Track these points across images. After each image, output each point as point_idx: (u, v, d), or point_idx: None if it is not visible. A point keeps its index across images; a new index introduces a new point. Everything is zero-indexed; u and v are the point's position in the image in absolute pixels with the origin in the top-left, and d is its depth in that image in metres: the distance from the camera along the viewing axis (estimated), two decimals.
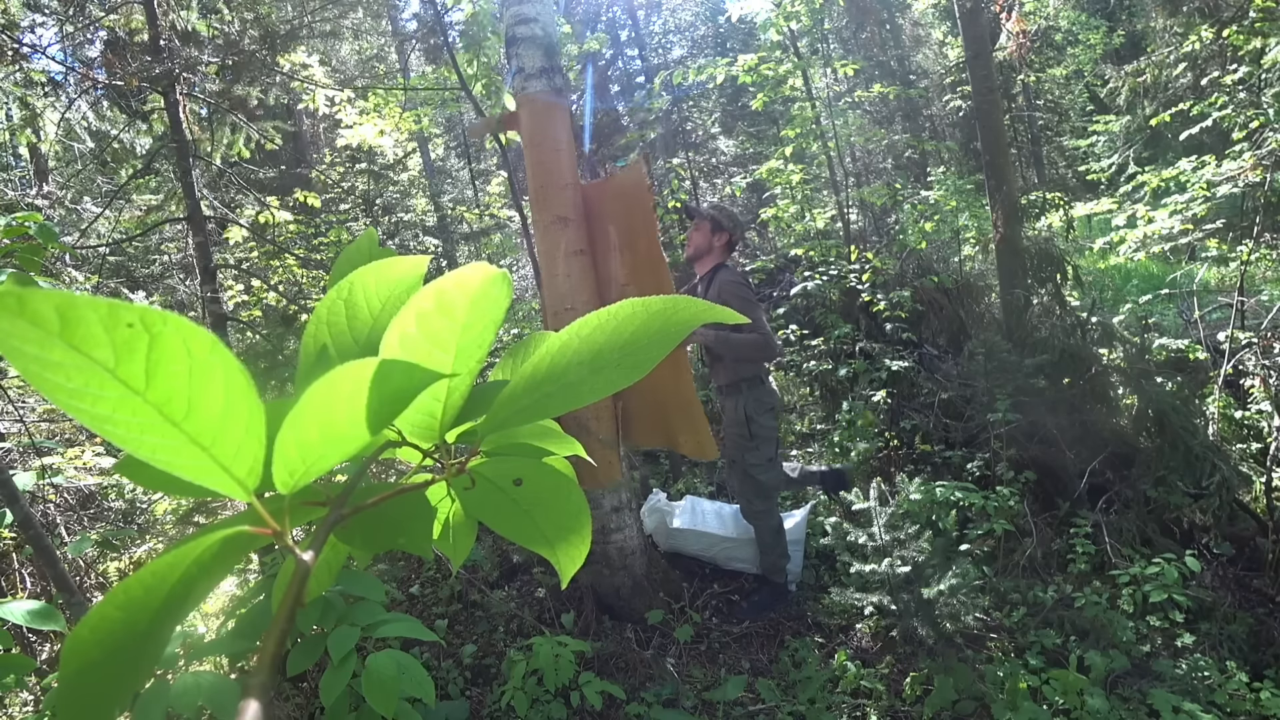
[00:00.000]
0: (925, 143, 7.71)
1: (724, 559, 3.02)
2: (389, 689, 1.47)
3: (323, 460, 0.36)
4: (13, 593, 2.87)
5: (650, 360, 0.42)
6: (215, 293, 3.28)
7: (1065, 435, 3.33)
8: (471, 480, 0.49)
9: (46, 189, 5.79)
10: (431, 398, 0.44)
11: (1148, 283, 6.49)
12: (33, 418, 3.29)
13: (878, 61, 12.35)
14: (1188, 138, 5.28)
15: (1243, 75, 5.11)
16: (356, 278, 0.45)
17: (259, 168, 7.32)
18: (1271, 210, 4.07)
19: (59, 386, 0.28)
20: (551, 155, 2.67)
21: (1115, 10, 13.30)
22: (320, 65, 4.39)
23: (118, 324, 0.27)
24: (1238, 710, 2.12)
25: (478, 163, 13.25)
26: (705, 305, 0.42)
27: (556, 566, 0.53)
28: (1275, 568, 2.80)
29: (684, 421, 2.62)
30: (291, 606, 0.33)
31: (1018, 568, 2.87)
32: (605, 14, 11.75)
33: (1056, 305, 3.99)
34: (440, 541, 0.57)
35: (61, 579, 1.76)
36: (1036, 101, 13.80)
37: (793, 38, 5.99)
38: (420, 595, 2.98)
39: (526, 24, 2.68)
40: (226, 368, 0.30)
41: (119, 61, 3.50)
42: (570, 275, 2.66)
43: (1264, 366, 3.43)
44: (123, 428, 0.30)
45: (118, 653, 0.31)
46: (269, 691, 0.29)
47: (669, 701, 2.31)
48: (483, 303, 0.40)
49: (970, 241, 5.41)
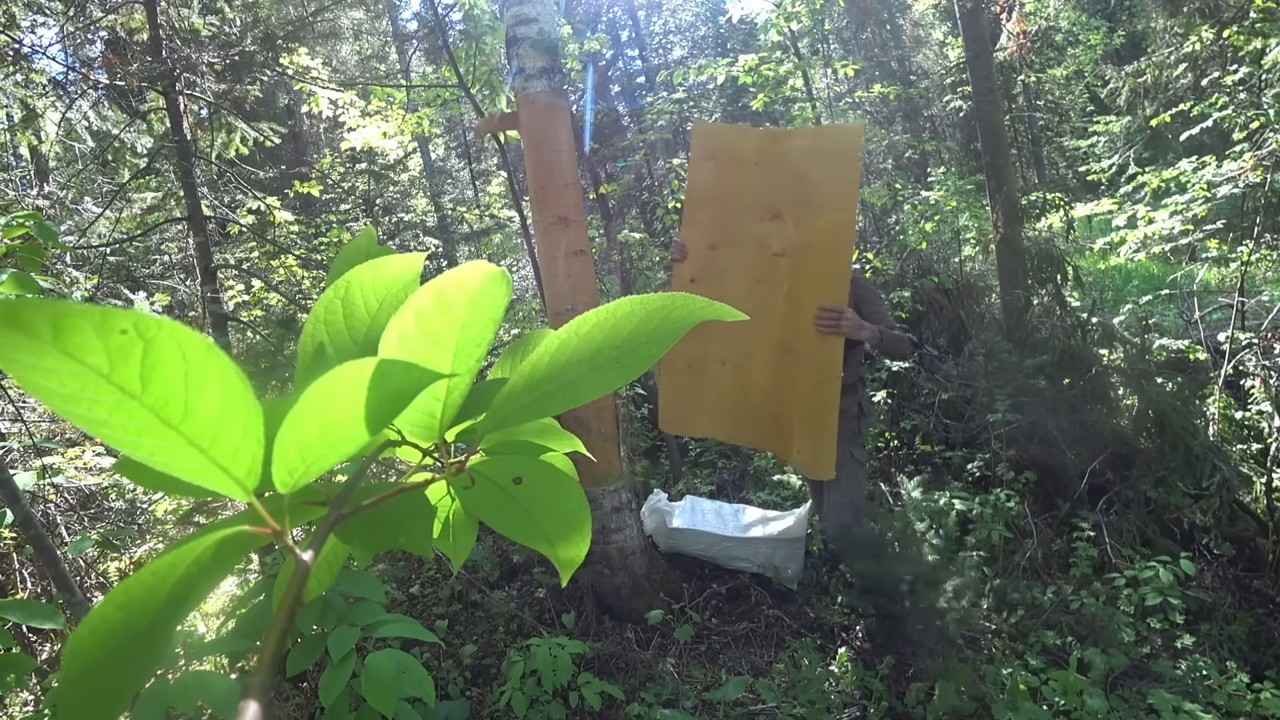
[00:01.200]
0: (925, 143, 7.70)
1: (724, 558, 3.02)
2: (389, 689, 1.47)
3: (322, 460, 0.36)
4: (13, 592, 2.87)
5: (650, 358, 0.42)
6: (216, 293, 3.28)
7: (1065, 436, 3.33)
8: (471, 479, 0.49)
9: (47, 189, 5.79)
10: (431, 397, 0.44)
11: (1148, 283, 6.49)
12: (33, 418, 3.29)
13: (878, 62, 12.35)
14: (1188, 138, 5.28)
15: (1243, 76, 5.11)
16: (353, 276, 0.45)
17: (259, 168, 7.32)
18: (1272, 211, 4.07)
19: (54, 392, 0.28)
20: (552, 155, 2.67)
21: (1115, 10, 13.30)
22: (322, 66, 4.39)
23: (111, 330, 0.27)
24: (1238, 711, 2.12)
25: (478, 163, 13.25)
26: (704, 302, 0.42)
27: (557, 565, 0.53)
28: (1275, 568, 2.80)
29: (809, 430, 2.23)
30: (291, 606, 0.33)
31: (1018, 569, 2.87)
32: (606, 14, 11.76)
33: (1057, 306, 3.99)
34: (440, 541, 0.57)
35: (62, 579, 1.76)
36: (1037, 102, 13.80)
37: (793, 38, 5.99)
38: (420, 595, 2.98)
39: (527, 24, 2.68)
40: (223, 370, 0.31)
41: (119, 61, 3.50)
42: (570, 275, 2.66)
43: (1264, 367, 3.43)
44: (120, 431, 0.30)
45: (119, 653, 0.31)
46: (269, 691, 0.29)
47: (669, 702, 2.31)
48: (482, 301, 0.40)
49: (970, 242, 5.41)
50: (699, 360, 2.41)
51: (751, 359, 2.35)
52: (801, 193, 2.26)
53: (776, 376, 2.31)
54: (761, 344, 2.33)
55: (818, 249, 2.23)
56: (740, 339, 2.35)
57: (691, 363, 2.41)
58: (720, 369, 2.40)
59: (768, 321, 2.31)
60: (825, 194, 2.21)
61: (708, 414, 2.44)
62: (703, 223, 2.40)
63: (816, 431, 2.21)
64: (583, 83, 7.81)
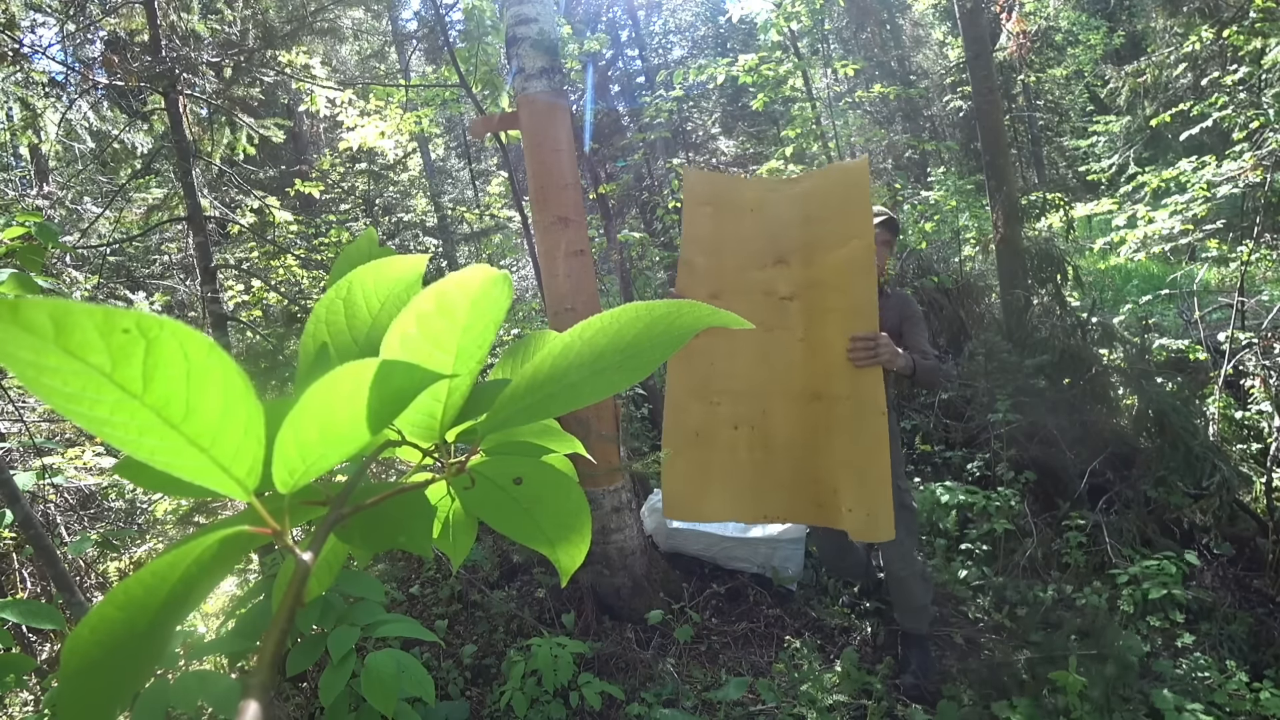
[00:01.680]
0: (925, 143, 7.70)
1: (724, 558, 3.02)
2: (389, 689, 1.47)
3: (323, 460, 0.36)
4: (13, 592, 2.87)
5: (653, 363, 0.42)
6: (216, 293, 3.28)
7: (1065, 435, 3.33)
8: (471, 479, 0.49)
9: (47, 189, 5.79)
10: (432, 397, 0.44)
11: (1148, 283, 6.49)
12: (33, 418, 3.29)
13: (878, 62, 12.35)
14: (1188, 138, 5.28)
15: (1243, 76, 5.11)
16: (355, 277, 0.45)
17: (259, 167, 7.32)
18: (1271, 210, 4.07)
19: (55, 391, 0.28)
20: (552, 155, 2.67)
21: (1115, 10, 13.31)
22: (321, 66, 4.39)
23: (113, 329, 0.27)
24: (1238, 710, 2.12)
25: (478, 163, 13.26)
26: (710, 310, 0.42)
27: (557, 565, 0.53)
28: (1275, 568, 2.80)
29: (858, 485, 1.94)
30: (291, 606, 0.33)
31: (1018, 568, 2.87)
32: (606, 14, 11.76)
33: (1057, 306, 4.00)
34: (440, 541, 0.57)
35: (62, 579, 1.76)
36: (1037, 102, 13.80)
37: (793, 38, 5.99)
38: (420, 595, 2.98)
39: (527, 24, 2.69)
40: (224, 370, 0.31)
41: (119, 61, 3.50)
42: (570, 275, 2.66)
43: (1264, 367, 3.43)
44: (121, 430, 0.30)
45: (118, 653, 0.31)
46: (269, 691, 0.29)
47: (669, 702, 2.31)
48: (483, 304, 0.40)
49: (970, 242, 5.41)
50: (707, 427, 2.07)
51: (771, 416, 2.06)
52: (809, 234, 2.12)
53: (807, 430, 2.03)
54: (782, 397, 2.06)
55: (836, 284, 2.05)
56: (755, 394, 2.07)
57: (699, 430, 2.07)
58: (734, 434, 2.06)
59: (785, 370, 2.08)
60: (837, 228, 2.07)
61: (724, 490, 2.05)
62: (702, 271, 2.17)
63: (868, 485, 1.92)
64: (583, 83, 7.82)
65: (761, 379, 2.08)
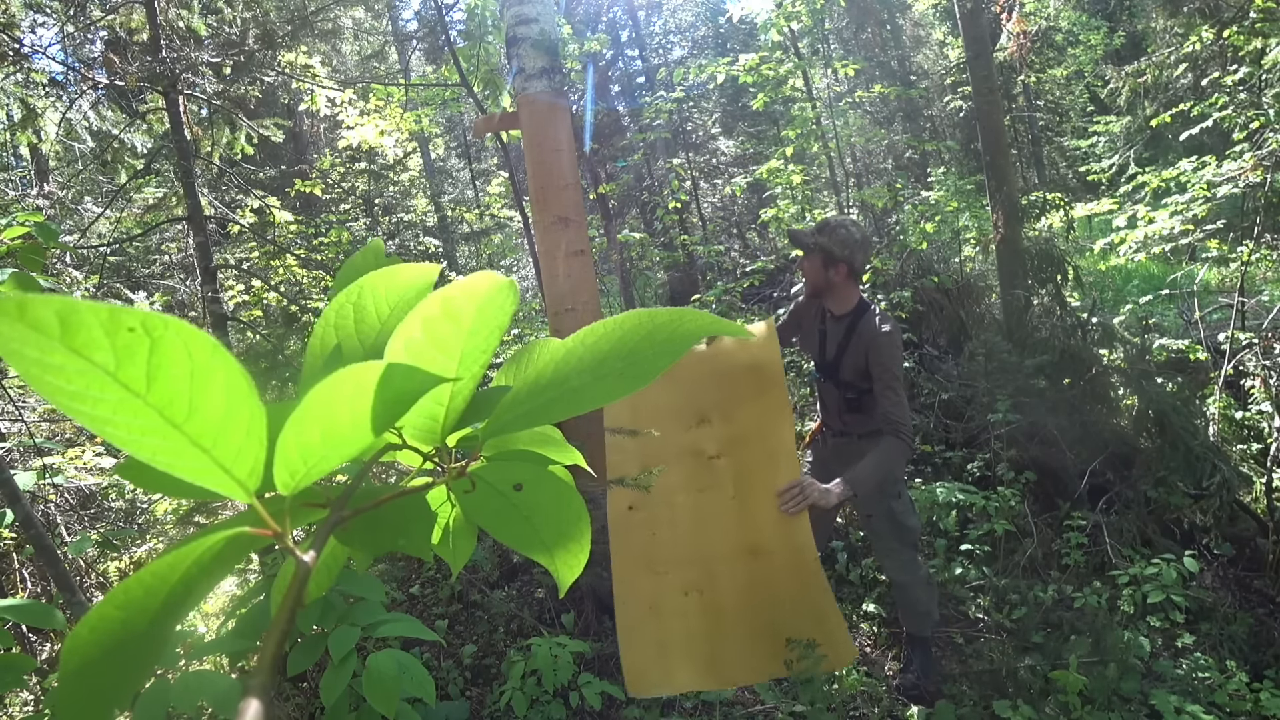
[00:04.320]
0: (925, 143, 7.70)
1: None
2: (389, 689, 1.47)
3: (324, 462, 0.36)
4: (13, 592, 2.87)
5: (655, 370, 0.42)
6: (216, 293, 3.28)
7: (1065, 436, 3.33)
8: (472, 483, 0.49)
9: (47, 189, 5.79)
10: (434, 401, 0.44)
11: (1148, 283, 6.49)
12: (33, 417, 3.29)
13: (878, 62, 12.35)
14: (1188, 138, 5.28)
15: (1243, 76, 5.11)
16: (366, 283, 0.45)
17: (259, 167, 7.32)
18: (1272, 211, 4.07)
19: (59, 389, 0.28)
20: (552, 155, 2.67)
21: (1115, 11, 13.31)
22: (321, 65, 4.39)
23: (119, 328, 0.27)
24: (1238, 710, 2.13)
25: (478, 163, 13.26)
26: (712, 318, 0.42)
27: (555, 574, 0.53)
28: (1275, 568, 2.80)
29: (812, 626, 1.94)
30: (292, 607, 0.33)
31: (1018, 568, 2.87)
32: (606, 14, 11.75)
33: (1057, 306, 4.00)
34: (440, 547, 0.57)
35: (62, 579, 1.76)
36: (1037, 102, 13.80)
37: (793, 38, 5.99)
38: (420, 595, 2.98)
39: (527, 24, 2.69)
40: (228, 370, 0.31)
41: (119, 61, 3.50)
42: (570, 275, 2.66)
43: (1264, 367, 3.43)
44: (123, 429, 0.30)
45: (117, 653, 0.31)
46: (269, 691, 0.29)
47: (669, 702, 2.31)
48: (488, 310, 0.40)
49: (970, 242, 5.41)
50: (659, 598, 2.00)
51: (718, 579, 2.01)
52: (726, 389, 2.15)
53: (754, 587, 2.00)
54: (724, 559, 2.02)
55: (755, 436, 2.08)
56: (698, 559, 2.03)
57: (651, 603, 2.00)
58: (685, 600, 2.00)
59: (722, 532, 2.05)
60: (751, 380, 2.13)
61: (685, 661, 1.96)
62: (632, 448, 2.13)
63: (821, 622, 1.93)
64: (583, 83, 7.81)
65: (702, 543, 2.04)
